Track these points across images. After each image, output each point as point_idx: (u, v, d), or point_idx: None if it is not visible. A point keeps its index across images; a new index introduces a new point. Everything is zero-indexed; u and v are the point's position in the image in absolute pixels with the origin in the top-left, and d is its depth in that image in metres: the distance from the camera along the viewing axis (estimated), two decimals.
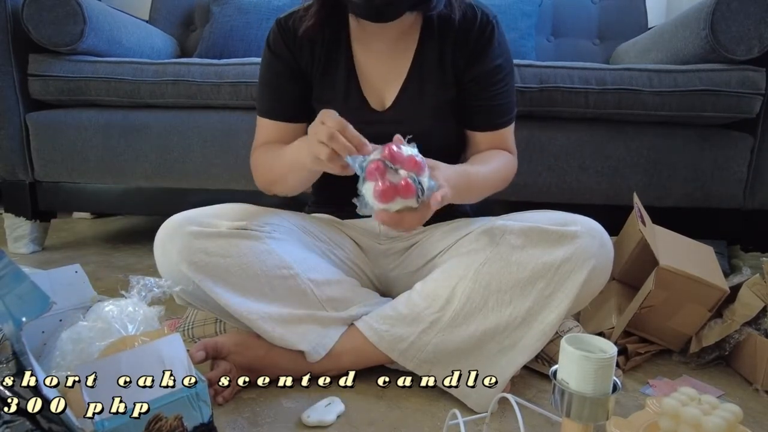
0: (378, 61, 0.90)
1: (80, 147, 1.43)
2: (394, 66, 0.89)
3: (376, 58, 0.89)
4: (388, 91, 0.90)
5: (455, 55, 0.88)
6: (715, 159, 1.26)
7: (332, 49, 0.90)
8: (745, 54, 1.19)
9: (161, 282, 0.72)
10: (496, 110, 0.90)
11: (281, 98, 0.92)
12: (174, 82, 1.37)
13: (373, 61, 0.90)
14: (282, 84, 0.91)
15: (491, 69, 0.88)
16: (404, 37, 0.89)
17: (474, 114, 0.91)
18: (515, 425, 0.72)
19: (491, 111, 0.90)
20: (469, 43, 0.88)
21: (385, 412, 0.76)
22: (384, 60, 0.89)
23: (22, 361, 0.58)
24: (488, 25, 0.88)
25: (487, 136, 0.92)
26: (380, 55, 0.89)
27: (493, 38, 0.88)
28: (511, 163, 0.92)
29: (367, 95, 0.89)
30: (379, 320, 0.81)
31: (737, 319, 0.88)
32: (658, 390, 0.83)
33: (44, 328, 0.72)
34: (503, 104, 0.90)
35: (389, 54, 0.89)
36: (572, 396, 0.50)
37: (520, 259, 0.75)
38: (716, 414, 0.57)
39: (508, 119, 0.92)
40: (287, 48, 0.90)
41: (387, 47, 0.89)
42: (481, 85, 0.89)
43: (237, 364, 0.79)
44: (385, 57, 0.89)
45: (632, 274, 1.05)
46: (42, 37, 1.38)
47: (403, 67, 0.89)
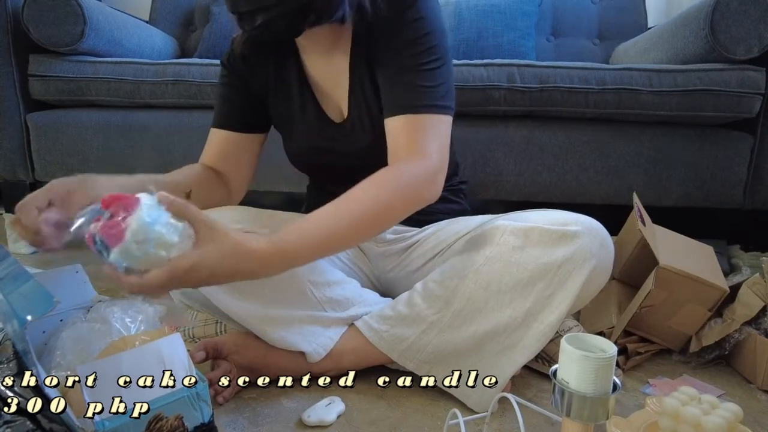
0: (324, 71, 0.88)
1: (81, 147, 1.43)
2: (337, 75, 0.86)
3: (322, 69, 0.88)
4: (340, 102, 0.88)
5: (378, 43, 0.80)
6: (715, 158, 1.26)
7: (283, 64, 0.89)
8: (745, 54, 1.19)
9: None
10: (411, 90, 0.76)
11: (232, 107, 0.92)
12: (174, 83, 1.37)
13: (320, 73, 0.88)
14: (233, 95, 0.92)
15: (406, 41, 0.76)
16: (337, 44, 0.85)
17: (386, 96, 0.78)
18: (515, 425, 0.72)
19: (403, 89, 0.77)
20: (382, 17, 0.78)
21: (385, 412, 0.76)
22: (328, 70, 0.87)
23: (25, 360, 0.58)
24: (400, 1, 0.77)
25: (399, 123, 0.76)
26: (324, 65, 0.87)
27: (410, 10, 0.76)
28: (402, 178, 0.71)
29: (324, 106, 0.89)
30: (379, 320, 0.81)
31: (737, 318, 0.88)
32: (658, 389, 0.83)
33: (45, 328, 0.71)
34: (423, 85, 0.76)
35: (329, 64, 0.86)
36: (572, 396, 0.50)
37: (520, 260, 0.75)
38: (716, 413, 0.57)
39: (431, 105, 0.75)
40: (238, 65, 0.90)
41: (327, 55, 0.86)
42: (395, 61, 0.77)
43: (237, 364, 0.79)
44: (328, 66, 0.87)
45: (632, 274, 1.05)
46: (42, 38, 1.38)
47: (344, 75, 0.86)
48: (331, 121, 0.88)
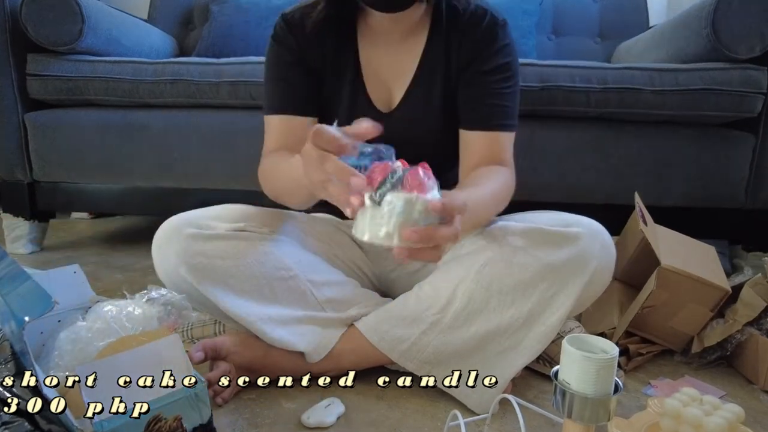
0: (385, 60, 0.88)
1: (79, 147, 1.43)
2: (401, 65, 0.88)
3: (383, 57, 0.88)
4: (394, 92, 0.88)
5: (461, 53, 0.86)
6: (717, 158, 1.26)
7: (340, 47, 0.88)
8: (747, 53, 1.19)
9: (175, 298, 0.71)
10: (495, 110, 0.86)
11: (291, 89, 0.88)
12: (173, 82, 1.36)
13: (380, 60, 0.88)
14: (291, 75, 0.88)
15: (496, 66, 0.85)
16: (413, 34, 0.88)
17: (472, 111, 0.87)
18: (516, 426, 0.71)
19: (490, 109, 0.86)
20: (475, 37, 0.86)
21: (385, 412, 0.75)
22: (391, 59, 0.88)
23: (23, 361, 0.58)
24: (496, 25, 0.86)
25: (481, 139, 0.85)
26: (388, 54, 0.88)
27: (498, 36, 0.85)
28: (508, 182, 0.84)
29: (373, 96, 0.88)
30: (379, 321, 0.81)
31: (739, 319, 0.88)
32: (659, 390, 0.83)
33: (43, 328, 0.71)
34: (502, 106, 0.86)
35: (397, 52, 0.88)
36: (574, 397, 0.49)
37: (522, 261, 0.75)
38: (718, 414, 0.57)
39: (507, 124, 0.86)
40: (295, 39, 0.87)
41: (395, 44, 0.88)
42: (484, 81, 0.85)
43: (236, 364, 0.78)
44: (393, 55, 0.88)
45: (634, 274, 1.04)
46: (40, 37, 1.37)
47: (410, 66, 0.87)
48: (377, 110, 0.88)
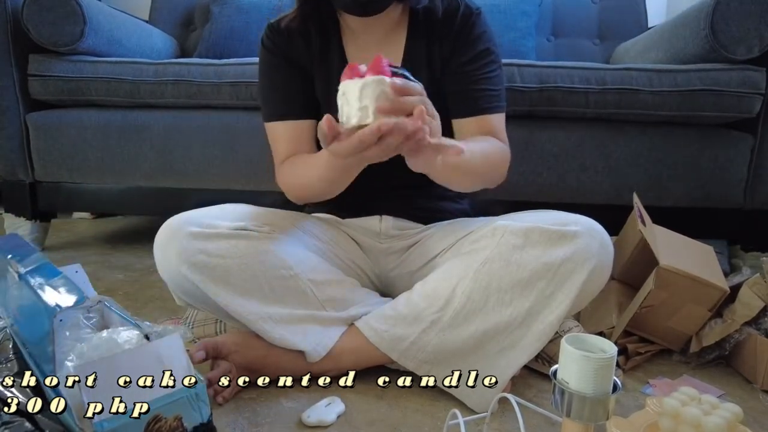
0: (369, 57, 0.89)
1: (80, 147, 1.43)
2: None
3: (367, 54, 0.89)
4: None
5: (441, 48, 0.89)
6: (716, 158, 1.26)
7: (325, 45, 0.90)
8: (746, 54, 1.19)
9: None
10: (483, 95, 0.88)
11: (289, 94, 0.90)
12: (174, 82, 1.37)
13: (364, 58, 0.89)
14: (283, 79, 0.90)
15: (475, 54, 0.88)
16: (392, 34, 0.90)
17: (460, 102, 0.89)
18: (515, 425, 0.72)
19: (477, 96, 0.88)
20: (453, 32, 0.88)
21: (385, 412, 0.76)
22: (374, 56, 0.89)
23: (52, 354, 0.58)
24: (470, 15, 0.89)
25: (472, 123, 0.88)
26: (371, 52, 0.89)
27: (475, 26, 0.88)
28: (502, 151, 0.88)
29: None
30: (379, 320, 0.81)
31: (737, 318, 0.88)
32: (658, 390, 0.83)
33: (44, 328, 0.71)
34: (490, 90, 0.88)
35: (379, 50, 0.89)
36: (572, 396, 0.49)
37: (521, 259, 0.75)
38: (716, 414, 0.57)
39: (496, 106, 0.89)
40: (282, 43, 0.90)
41: (377, 43, 0.89)
42: (466, 70, 0.88)
43: (237, 364, 0.79)
44: (376, 53, 0.88)
45: (632, 274, 1.05)
46: (42, 37, 1.38)
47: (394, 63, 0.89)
48: None
